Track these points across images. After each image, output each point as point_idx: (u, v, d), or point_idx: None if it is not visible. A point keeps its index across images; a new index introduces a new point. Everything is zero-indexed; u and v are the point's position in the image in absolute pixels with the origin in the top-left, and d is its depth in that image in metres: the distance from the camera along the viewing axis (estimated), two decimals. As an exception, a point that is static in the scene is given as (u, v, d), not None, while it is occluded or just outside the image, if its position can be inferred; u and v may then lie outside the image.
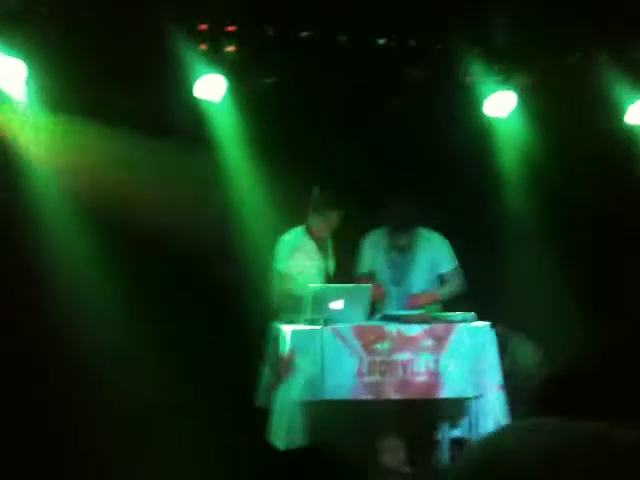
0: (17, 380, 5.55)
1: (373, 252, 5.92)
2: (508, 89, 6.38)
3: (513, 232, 6.84)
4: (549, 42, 6.35)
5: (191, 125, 6.11)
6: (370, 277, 5.90)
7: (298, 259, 5.72)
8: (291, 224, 5.95)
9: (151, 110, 5.87)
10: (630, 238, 6.70)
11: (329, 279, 5.82)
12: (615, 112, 6.64)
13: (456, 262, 5.86)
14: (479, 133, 6.67)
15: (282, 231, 5.97)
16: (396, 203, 5.70)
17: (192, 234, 6.24)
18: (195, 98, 5.99)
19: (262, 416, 5.24)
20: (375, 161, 6.53)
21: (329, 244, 5.89)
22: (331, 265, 5.90)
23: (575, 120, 6.51)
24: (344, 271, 6.04)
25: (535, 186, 6.82)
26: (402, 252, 5.82)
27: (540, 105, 6.54)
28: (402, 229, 5.68)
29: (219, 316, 6.18)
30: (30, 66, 5.51)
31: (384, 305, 5.83)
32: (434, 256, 5.82)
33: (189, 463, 5.24)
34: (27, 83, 5.59)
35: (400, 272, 5.83)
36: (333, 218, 5.68)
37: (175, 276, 6.29)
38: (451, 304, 5.86)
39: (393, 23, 6.21)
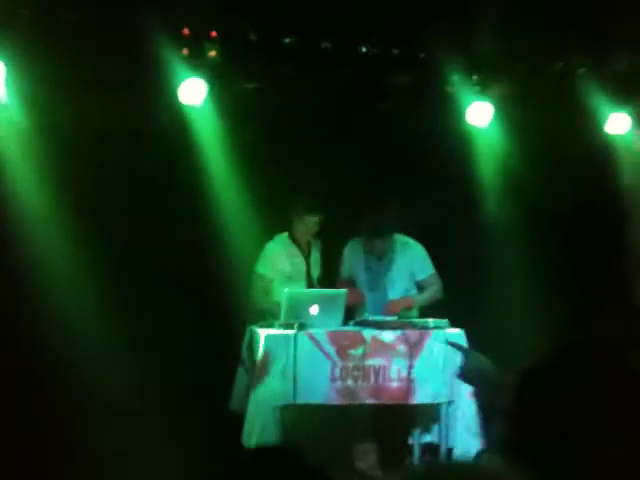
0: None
1: (352, 258, 5.98)
2: (485, 100, 6.44)
3: (493, 239, 6.88)
4: (529, 52, 6.41)
5: (172, 128, 6.14)
6: (350, 282, 5.95)
7: (280, 264, 5.79)
8: (273, 227, 6.00)
9: (132, 113, 5.91)
10: (608, 246, 6.75)
11: (312, 283, 5.87)
12: (594, 123, 6.70)
13: (433, 268, 5.89)
14: (461, 142, 6.72)
15: (263, 234, 6.03)
16: (370, 210, 5.74)
17: (174, 237, 6.28)
18: (177, 102, 6.02)
19: (236, 419, 5.26)
20: (357, 165, 6.56)
21: (314, 248, 5.94)
22: (315, 269, 5.94)
23: (554, 130, 6.58)
24: (333, 275, 6.09)
25: (515, 195, 6.86)
26: (379, 258, 5.86)
27: (519, 115, 6.59)
28: (376, 235, 5.72)
29: (197, 319, 6.21)
30: (10, 67, 5.53)
31: (363, 310, 5.88)
32: (411, 263, 5.85)
33: (163, 464, 5.26)
34: (7, 84, 5.61)
35: (376, 278, 5.87)
36: (311, 223, 5.76)
37: (155, 278, 6.32)
38: (428, 310, 5.89)
39: (376, 30, 6.26)
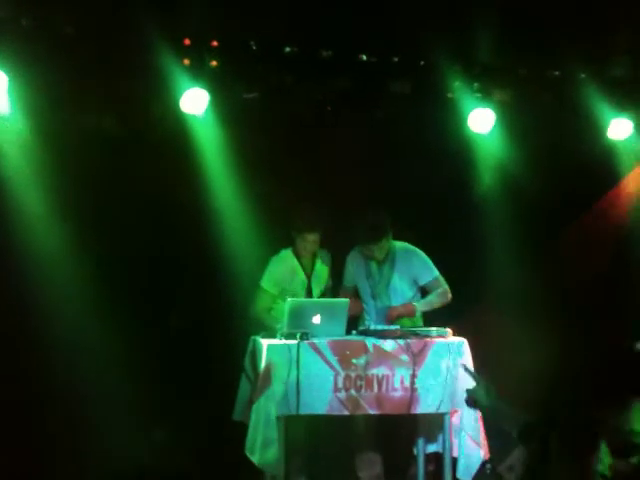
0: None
1: (354, 267, 5.97)
2: (486, 106, 6.44)
3: (494, 245, 6.88)
4: (529, 59, 6.42)
5: (175, 138, 6.15)
6: (351, 292, 5.94)
7: (283, 280, 5.78)
8: (276, 239, 5.99)
9: (134, 123, 5.92)
10: (611, 251, 6.76)
11: (312, 297, 5.84)
12: (595, 128, 6.71)
13: (436, 272, 5.86)
14: (463, 148, 6.72)
15: (266, 245, 6.02)
16: (361, 216, 5.73)
17: (176, 246, 6.30)
18: (178, 112, 6.03)
19: (241, 430, 5.25)
20: (359, 174, 6.57)
21: (319, 261, 5.91)
22: (319, 284, 5.91)
23: (556, 136, 6.58)
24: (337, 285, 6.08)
25: (517, 200, 6.87)
26: (379, 266, 5.85)
27: (521, 121, 6.59)
28: (370, 241, 5.71)
29: (200, 329, 6.21)
30: (12, 77, 5.54)
31: (364, 319, 5.87)
32: (412, 268, 5.83)
33: (164, 474, 5.26)
34: (9, 93, 5.61)
35: (378, 286, 5.86)
36: (310, 240, 5.76)
37: (157, 288, 6.33)
38: (431, 318, 5.88)
39: (375, 38, 6.26)
